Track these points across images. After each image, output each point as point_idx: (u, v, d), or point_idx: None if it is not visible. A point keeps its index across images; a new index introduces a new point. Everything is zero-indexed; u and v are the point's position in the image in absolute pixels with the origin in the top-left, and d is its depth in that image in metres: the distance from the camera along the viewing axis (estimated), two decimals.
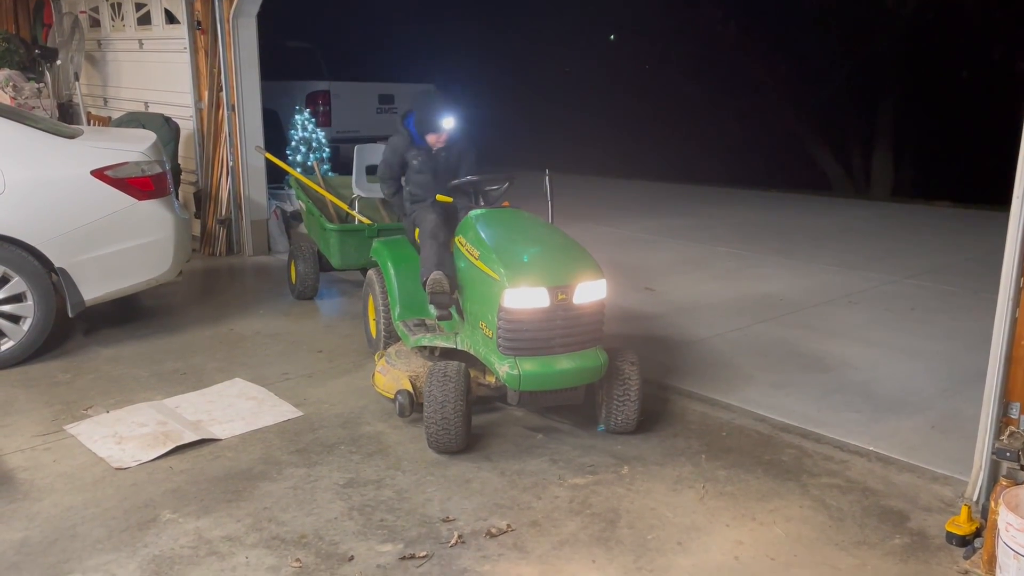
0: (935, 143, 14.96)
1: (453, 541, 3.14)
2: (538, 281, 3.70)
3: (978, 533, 3.09)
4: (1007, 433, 3.10)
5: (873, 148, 15.75)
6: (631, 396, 3.96)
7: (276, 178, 8.14)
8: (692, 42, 16.58)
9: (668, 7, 16.34)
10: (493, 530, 3.22)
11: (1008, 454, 3.00)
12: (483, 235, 4.03)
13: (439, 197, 4.55)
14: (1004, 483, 2.94)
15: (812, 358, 5.20)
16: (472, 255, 4.01)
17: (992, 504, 2.90)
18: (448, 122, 4.60)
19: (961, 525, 3.11)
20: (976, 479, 3.24)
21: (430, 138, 4.64)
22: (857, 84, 15.14)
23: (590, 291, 3.78)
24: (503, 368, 3.71)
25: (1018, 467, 2.99)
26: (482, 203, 4.47)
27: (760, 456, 3.89)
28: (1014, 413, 3.11)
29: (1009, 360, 3.09)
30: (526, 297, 3.68)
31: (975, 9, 13.21)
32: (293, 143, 8.84)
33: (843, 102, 15.67)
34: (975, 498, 3.22)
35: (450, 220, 4.51)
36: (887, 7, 13.92)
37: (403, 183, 4.87)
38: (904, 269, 7.42)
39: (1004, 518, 2.67)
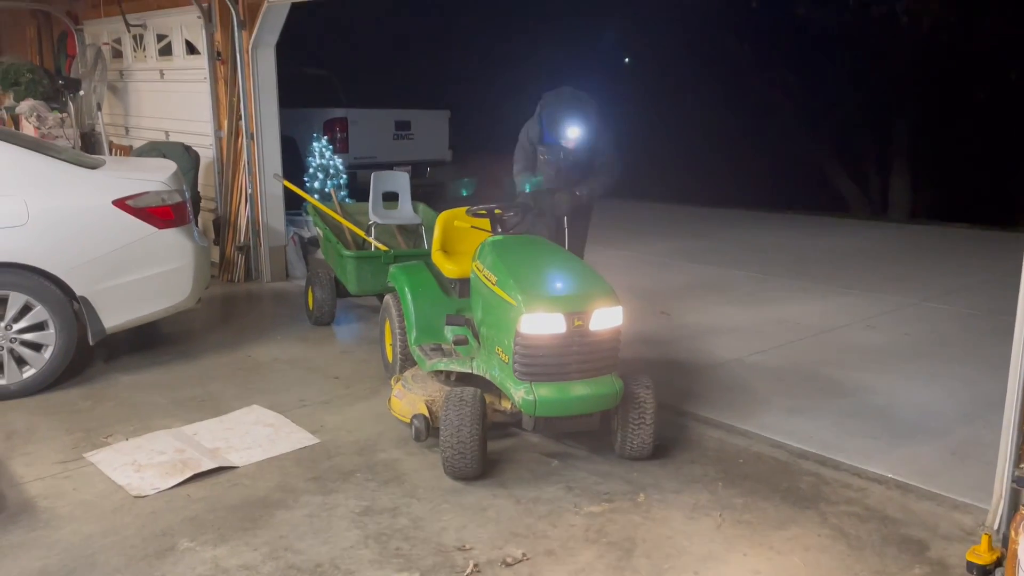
0: (952, 164, 14.90)
1: (469, 570, 3.13)
2: (555, 307, 3.71)
3: (999, 563, 3.04)
4: None
5: (890, 169, 15.70)
6: (646, 422, 3.95)
7: (294, 204, 8.22)
8: (707, 65, 16.65)
9: (683, 31, 16.43)
10: (509, 559, 3.21)
11: None
12: (500, 261, 4.06)
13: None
14: None
15: (829, 383, 5.17)
16: (489, 281, 4.03)
17: (1012, 533, 2.86)
18: (573, 132, 4.62)
19: (981, 554, 3.07)
20: (997, 507, 3.20)
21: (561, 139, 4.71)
22: (873, 105, 15.12)
23: (606, 318, 3.79)
24: (519, 393, 3.72)
25: None
26: (499, 230, 4.52)
27: (778, 483, 3.86)
28: None
29: None
30: (542, 323, 3.69)
31: (990, 30, 13.18)
32: (311, 170, 8.94)
33: (859, 123, 15.66)
34: (996, 527, 3.18)
35: None
36: (901, 28, 13.94)
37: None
38: (922, 291, 7.37)
39: None
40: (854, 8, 14.05)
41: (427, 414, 4.07)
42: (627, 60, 20.70)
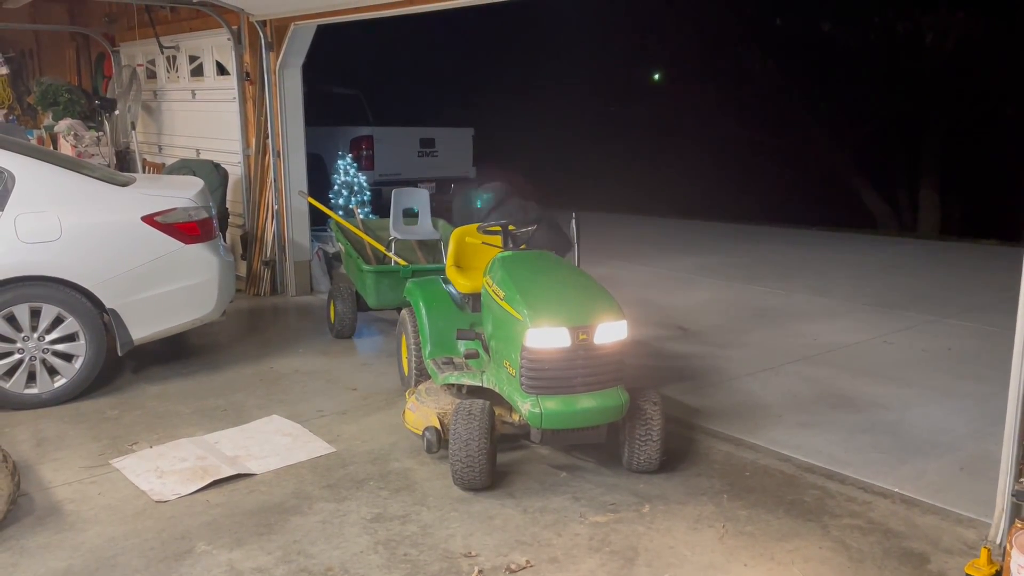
0: (982, 179, 14.76)
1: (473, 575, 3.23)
2: (560, 321, 3.81)
3: None
4: None
5: (919, 185, 15.59)
6: (653, 436, 4.02)
7: (319, 220, 8.41)
8: (732, 81, 16.68)
9: (707, 47, 16.50)
10: (513, 566, 3.29)
11: None
12: (508, 276, 4.16)
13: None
14: (1020, 525, 2.92)
15: (842, 398, 5.18)
16: (497, 296, 4.13)
17: (1008, 546, 2.89)
18: None
19: (981, 568, 3.10)
20: (998, 521, 3.22)
21: None
22: (901, 121, 15.04)
23: (611, 332, 3.87)
24: (526, 406, 3.81)
25: None
26: (510, 245, 4.62)
27: (782, 496, 3.91)
28: None
29: None
30: (548, 337, 3.79)
31: (1016, 44, 13.09)
32: (336, 187, 9.13)
33: (887, 139, 15.57)
34: (998, 540, 3.20)
35: None
36: (926, 45, 13.89)
37: None
38: (943, 308, 7.34)
39: (1016, 560, 2.67)
40: (879, 24, 14.03)
41: (439, 426, 4.17)
42: (656, 77, 20.80)
